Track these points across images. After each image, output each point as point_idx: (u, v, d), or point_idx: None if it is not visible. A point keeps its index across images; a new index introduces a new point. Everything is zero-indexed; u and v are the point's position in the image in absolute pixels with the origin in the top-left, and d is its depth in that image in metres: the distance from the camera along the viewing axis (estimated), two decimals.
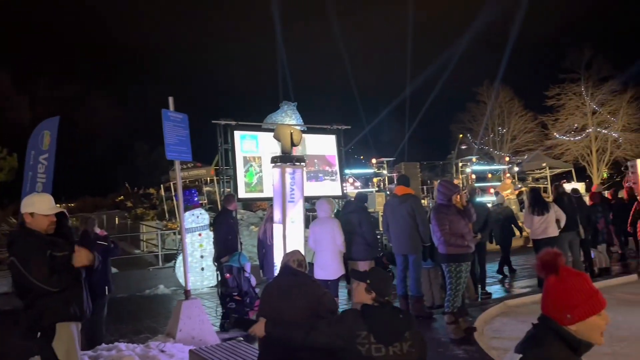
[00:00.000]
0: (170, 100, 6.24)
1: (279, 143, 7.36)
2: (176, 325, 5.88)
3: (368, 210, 8.51)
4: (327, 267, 6.74)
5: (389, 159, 21.97)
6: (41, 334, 3.43)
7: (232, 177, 11.24)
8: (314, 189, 12.02)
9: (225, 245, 7.48)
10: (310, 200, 10.82)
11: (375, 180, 20.54)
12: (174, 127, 6.14)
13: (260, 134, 11.83)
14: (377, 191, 18.68)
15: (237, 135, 11.38)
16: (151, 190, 22.93)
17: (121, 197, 24.25)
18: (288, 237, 6.82)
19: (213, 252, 8.16)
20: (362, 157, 28.15)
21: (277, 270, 4.32)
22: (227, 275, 7.17)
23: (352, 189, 17.01)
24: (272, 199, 7.49)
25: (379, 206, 15.25)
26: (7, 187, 17.34)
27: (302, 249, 6.82)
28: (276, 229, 6.96)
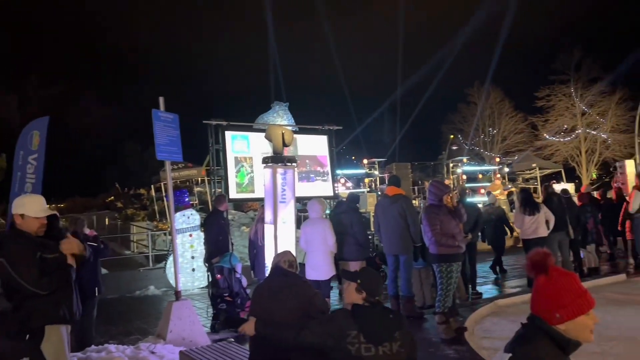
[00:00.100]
0: (161, 100, 6.21)
1: (270, 143, 7.35)
2: (166, 326, 5.85)
3: (359, 210, 8.52)
4: (319, 267, 6.74)
5: (381, 159, 22.00)
6: (30, 336, 3.40)
7: (223, 178, 11.22)
8: (305, 189, 12.03)
9: (216, 246, 7.46)
10: (301, 201, 10.83)
11: (366, 180, 20.56)
12: (165, 128, 6.11)
13: (251, 134, 11.81)
14: (369, 191, 18.71)
15: (229, 135, 11.36)
16: (142, 190, 22.84)
17: (111, 198, 24.12)
18: (279, 237, 6.81)
19: (204, 252, 8.13)
20: (353, 158, 28.17)
21: (268, 271, 4.31)
22: (218, 276, 7.15)
23: (343, 190, 17.02)
24: (263, 200, 7.48)
25: (371, 206, 15.28)
26: None
27: (293, 250, 6.83)
28: (267, 230, 6.95)
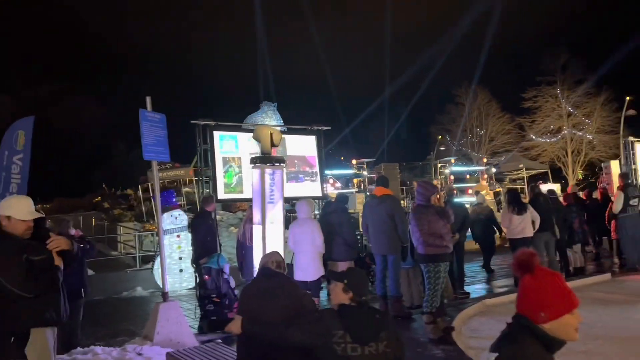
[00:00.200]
0: (148, 100, 6.17)
1: (258, 144, 7.33)
2: (154, 327, 5.81)
3: (348, 211, 8.53)
4: (307, 268, 6.74)
5: (369, 160, 22.06)
6: (14, 339, 3.35)
7: (211, 178, 11.15)
8: (294, 189, 12.00)
9: (203, 247, 7.43)
10: (290, 201, 10.79)
11: (355, 181, 20.60)
12: (152, 127, 6.07)
13: (239, 135, 11.75)
14: (358, 192, 18.73)
15: (217, 135, 11.29)
16: (129, 191, 22.65)
17: (98, 198, 23.90)
18: (268, 238, 6.79)
19: (192, 253, 8.09)
20: (342, 158, 28.19)
21: (256, 272, 4.30)
22: (205, 277, 7.11)
23: (332, 190, 17.03)
24: (251, 200, 7.45)
25: (359, 207, 15.30)
26: None
27: (281, 250, 6.80)
28: (255, 230, 6.93)
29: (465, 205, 10.24)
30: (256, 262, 6.65)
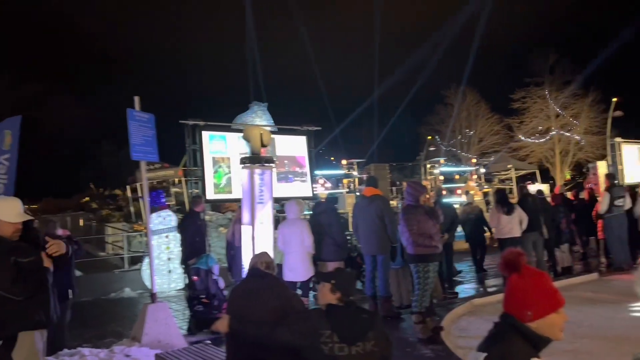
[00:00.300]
0: (136, 99, 6.12)
1: (247, 144, 7.30)
2: (142, 329, 5.77)
3: (338, 211, 8.54)
4: (296, 268, 6.73)
5: (359, 160, 22.08)
6: (2, 343, 3.30)
7: (201, 178, 11.12)
8: (284, 190, 12.00)
9: (192, 248, 7.39)
10: (280, 202, 10.78)
11: (345, 181, 20.61)
12: (140, 127, 6.03)
13: (229, 135, 11.73)
14: (348, 192, 18.73)
15: (206, 135, 11.26)
16: (117, 191, 22.48)
17: (86, 199, 23.71)
18: (257, 238, 6.76)
19: (180, 254, 8.05)
20: (332, 159, 28.19)
21: (245, 273, 4.28)
22: (194, 277, 7.08)
23: (322, 190, 17.01)
24: (241, 200, 7.43)
25: (349, 207, 15.31)
26: None
27: (271, 251, 6.78)
28: (244, 231, 6.90)
29: (453, 206, 10.29)
30: (245, 263, 6.63)
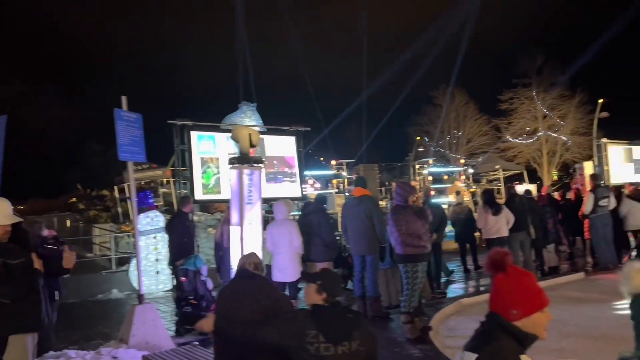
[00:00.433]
0: (124, 99, 6.08)
1: (236, 144, 7.28)
2: (129, 330, 5.72)
3: (327, 211, 8.54)
4: (285, 269, 6.72)
5: (349, 160, 22.08)
6: None
7: (189, 179, 11.06)
8: (273, 190, 11.97)
9: (180, 248, 7.35)
10: (269, 202, 10.76)
11: (334, 182, 20.60)
12: (128, 127, 5.99)
13: (217, 135, 11.69)
14: (337, 193, 18.73)
15: (194, 135, 11.21)
16: (105, 192, 22.26)
17: (74, 199, 23.44)
18: (246, 239, 6.74)
19: (168, 255, 8.00)
20: (322, 159, 28.18)
21: (234, 273, 4.26)
22: (182, 278, 7.04)
23: (312, 191, 17.00)
24: (229, 201, 7.40)
25: (338, 207, 15.31)
26: None
27: (260, 252, 6.77)
28: (233, 231, 6.88)
29: (442, 206, 10.34)
30: (234, 264, 6.61)
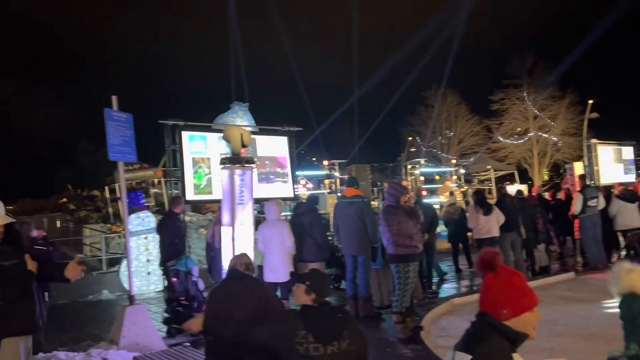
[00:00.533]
0: (114, 99, 6.04)
1: (228, 144, 7.25)
2: (119, 331, 5.69)
3: (319, 212, 8.53)
4: (277, 269, 6.70)
5: (341, 161, 22.10)
6: None
7: (180, 179, 11.01)
8: (265, 190, 11.95)
9: (171, 249, 7.32)
10: (261, 202, 10.74)
11: (327, 182, 20.60)
12: (118, 127, 5.95)
13: (209, 135, 11.64)
14: (329, 193, 18.74)
15: (186, 135, 11.16)
16: (95, 192, 22.12)
17: (64, 200, 23.27)
18: (237, 240, 6.72)
19: (159, 255, 7.95)
20: (314, 159, 28.19)
21: (225, 274, 4.25)
22: (173, 279, 7.01)
23: (304, 191, 16.98)
24: (221, 201, 7.37)
25: (331, 208, 15.30)
26: None
27: (251, 252, 6.76)
28: (224, 232, 6.86)
29: (433, 206, 10.37)
30: (225, 264, 6.58)
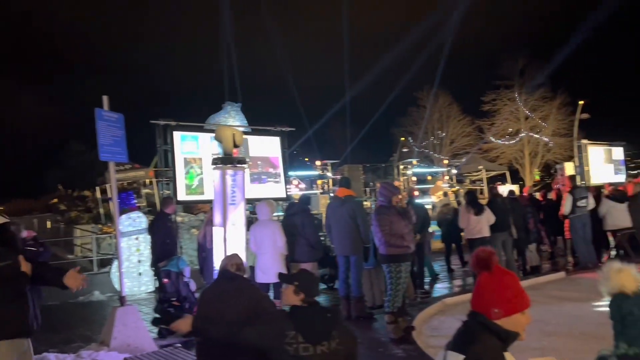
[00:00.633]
0: (105, 99, 6.00)
1: (219, 144, 7.23)
2: (110, 332, 5.65)
3: (311, 212, 8.53)
4: (269, 270, 6.69)
5: (334, 161, 22.12)
6: None
7: (172, 179, 10.97)
8: (257, 191, 11.94)
9: (162, 250, 7.29)
10: (253, 203, 10.73)
11: (319, 182, 20.60)
12: (109, 127, 5.91)
13: (201, 135, 11.62)
14: (322, 193, 18.74)
15: (177, 135, 11.14)
16: (86, 192, 21.98)
17: (55, 200, 23.10)
18: (229, 240, 6.70)
19: (151, 256, 7.92)
20: (306, 159, 28.18)
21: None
22: (165, 280, 6.97)
23: (297, 191, 16.97)
24: (213, 202, 7.35)
25: (323, 208, 15.30)
26: None
27: (243, 253, 6.74)
28: (216, 232, 6.83)
29: (425, 207, 10.40)
30: (217, 265, 6.56)
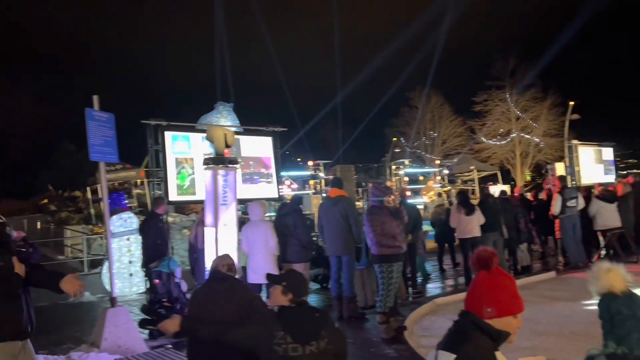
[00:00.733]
0: (95, 99, 5.96)
1: (211, 144, 7.20)
2: (101, 334, 5.61)
3: (303, 212, 8.52)
4: (260, 270, 6.66)
5: (326, 161, 22.13)
6: None
7: (163, 179, 10.92)
8: (249, 191, 11.91)
9: (154, 250, 7.25)
10: (245, 203, 10.70)
11: (311, 182, 20.59)
12: (99, 127, 5.88)
13: (193, 135, 11.58)
14: (314, 193, 18.73)
15: (169, 135, 11.08)
16: (77, 193, 21.84)
17: (45, 200, 22.92)
18: (220, 240, 6.68)
19: (142, 257, 7.87)
20: (299, 160, 28.19)
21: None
22: (156, 281, 6.93)
23: (289, 191, 16.96)
24: (204, 202, 7.32)
25: (315, 208, 15.30)
26: None
27: (235, 253, 6.72)
28: (207, 233, 6.80)
29: (417, 207, 10.43)
30: (208, 265, 6.53)
